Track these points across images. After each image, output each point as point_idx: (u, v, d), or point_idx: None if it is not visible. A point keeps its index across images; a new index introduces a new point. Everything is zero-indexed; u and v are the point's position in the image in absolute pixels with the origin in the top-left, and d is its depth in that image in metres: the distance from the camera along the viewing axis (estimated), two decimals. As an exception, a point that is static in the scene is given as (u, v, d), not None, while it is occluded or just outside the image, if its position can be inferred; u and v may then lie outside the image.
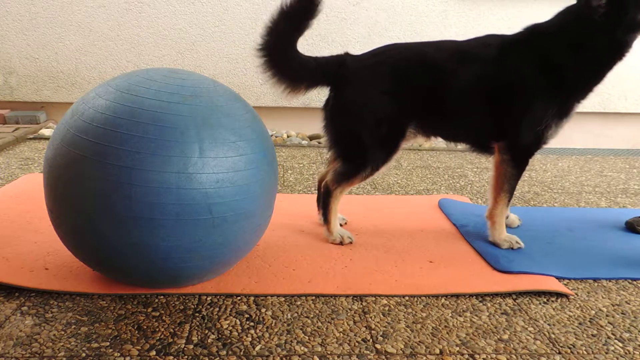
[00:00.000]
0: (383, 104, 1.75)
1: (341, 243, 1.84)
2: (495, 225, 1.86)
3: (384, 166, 1.81)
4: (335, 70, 1.77)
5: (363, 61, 1.79)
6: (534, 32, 1.75)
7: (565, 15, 1.71)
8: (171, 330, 1.29)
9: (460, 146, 1.97)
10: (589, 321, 1.43)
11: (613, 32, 1.61)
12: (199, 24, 3.72)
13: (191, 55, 3.77)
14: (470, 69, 1.74)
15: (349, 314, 1.40)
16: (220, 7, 3.69)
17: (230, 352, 1.21)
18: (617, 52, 1.66)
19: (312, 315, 1.39)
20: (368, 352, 1.24)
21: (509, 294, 1.55)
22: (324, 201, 1.86)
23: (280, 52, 1.73)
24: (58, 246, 1.63)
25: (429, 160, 3.38)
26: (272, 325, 1.34)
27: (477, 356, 1.24)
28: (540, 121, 1.71)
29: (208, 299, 1.45)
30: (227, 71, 3.81)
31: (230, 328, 1.31)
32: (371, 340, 1.29)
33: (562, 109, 1.73)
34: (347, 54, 1.81)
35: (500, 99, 1.74)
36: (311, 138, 3.92)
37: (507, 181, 1.81)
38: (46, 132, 3.52)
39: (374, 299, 1.49)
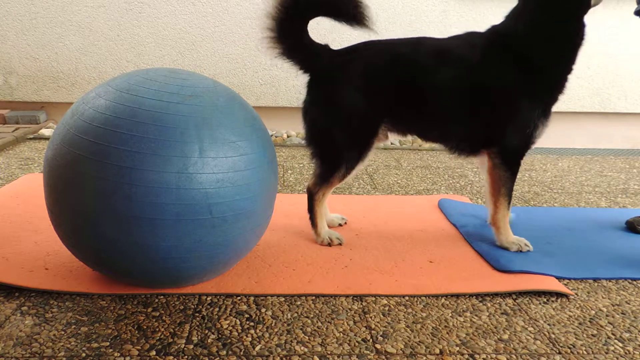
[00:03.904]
0: (355, 102, 1.74)
1: (329, 244, 1.84)
2: (500, 230, 1.85)
3: (359, 164, 1.80)
4: (312, 62, 1.75)
5: (337, 58, 1.76)
6: (499, 33, 1.78)
7: (521, 16, 1.76)
8: (171, 330, 1.29)
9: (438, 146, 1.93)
10: (589, 321, 1.43)
11: (572, 21, 1.69)
12: (199, 24, 3.72)
13: (191, 55, 3.77)
14: (450, 71, 1.72)
15: (349, 314, 1.40)
16: (220, 7, 3.69)
17: (230, 352, 1.21)
18: (578, 37, 1.71)
19: (312, 315, 1.39)
20: (368, 352, 1.24)
21: (509, 294, 1.55)
22: (309, 205, 1.86)
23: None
24: (58, 246, 1.63)
25: (429, 160, 3.38)
26: (272, 325, 1.34)
27: (477, 356, 1.24)
28: (529, 123, 1.73)
29: (208, 299, 1.45)
30: (227, 71, 3.80)
31: (230, 328, 1.31)
32: (371, 340, 1.29)
33: (546, 106, 1.75)
34: (326, 47, 1.78)
35: (485, 103, 1.73)
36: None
37: (503, 185, 1.81)
38: (46, 132, 3.52)
39: (374, 299, 1.49)
